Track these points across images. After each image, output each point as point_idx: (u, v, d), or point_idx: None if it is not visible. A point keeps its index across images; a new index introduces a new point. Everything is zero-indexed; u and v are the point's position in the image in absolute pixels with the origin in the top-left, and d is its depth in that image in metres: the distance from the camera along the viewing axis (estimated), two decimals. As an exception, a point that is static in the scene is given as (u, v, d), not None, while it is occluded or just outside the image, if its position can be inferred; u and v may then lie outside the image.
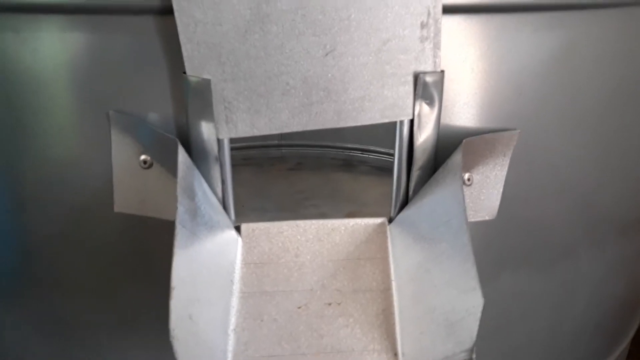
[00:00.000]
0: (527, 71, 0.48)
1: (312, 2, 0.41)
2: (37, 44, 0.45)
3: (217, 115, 0.44)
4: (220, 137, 0.45)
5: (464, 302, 0.38)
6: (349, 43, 0.42)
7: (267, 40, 0.42)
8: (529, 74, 0.48)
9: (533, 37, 0.47)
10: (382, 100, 0.44)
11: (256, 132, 0.45)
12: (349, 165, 1.12)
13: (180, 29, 0.41)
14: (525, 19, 0.46)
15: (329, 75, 0.43)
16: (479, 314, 0.38)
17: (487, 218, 0.52)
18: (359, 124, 0.45)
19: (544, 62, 0.48)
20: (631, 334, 0.83)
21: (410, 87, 0.44)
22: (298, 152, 1.15)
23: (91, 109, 0.47)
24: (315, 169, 1.12)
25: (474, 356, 0.38)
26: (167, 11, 0.42)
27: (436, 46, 0.43)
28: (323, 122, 0.45)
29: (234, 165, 0.49)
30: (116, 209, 0.49)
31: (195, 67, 0.42)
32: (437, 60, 0.44)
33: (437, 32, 0.43)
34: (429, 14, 0.42)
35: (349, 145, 1.11)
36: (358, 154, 1.11)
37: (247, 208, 0.96)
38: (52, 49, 0.46)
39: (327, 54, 0.43)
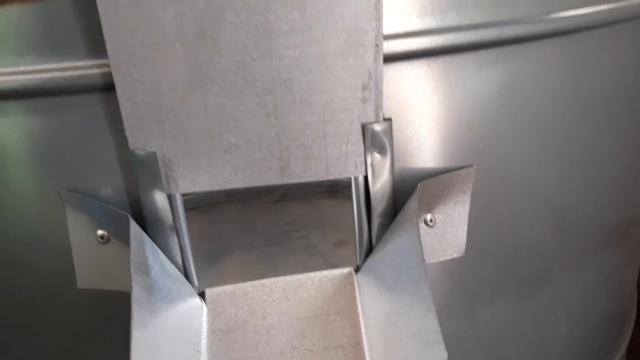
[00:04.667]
0: (475, 107, 0.48)
1: (252, 63, 0.41)
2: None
3: None
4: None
5: (429, 356, 0.37)
6: (291, 103, 0.42)
7: (207, 99, 0.42)
8: (477, 110, 0.48)
9: (477, 74, 0.47)
10: (326, 158, 0.44)
11: (197, 189, 0.45)
12: (334, 191, 1.11)
13: (118, 89, 0.41)
14: (467, 58, 0.46)
15: (272, 134, 0.43)
16: (444, 367, 0.37)
17: (455, 256, 0.51)
18: (302, 180, 0.45)
19: (491, 96, 0.49)
20: (624, 345, 0.82)
21: (352, 147, 0.44)
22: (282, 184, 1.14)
23: (45, 189, 0.47)
24: (300, 199, 1.11)
25: (445, 411, 0.37)
26: (110, 87, 0.42)
27: (378, 107, 0.43)
28: (266, 179, 0.45)
29: (218, 203, 0.48)
30: (79, 285, 0.48)
31: (134, 128, 0.42)
32: (379, 113, 0.44)
33: (379, 93, 0.43)
34: (369, 76, 0.42)
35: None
36: (342, 178, 1.10)
37: (234, 245, 0.95)
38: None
39: (269, 114, 0.43)
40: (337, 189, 1.12)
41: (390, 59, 0.44)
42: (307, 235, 0.99)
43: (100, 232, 0.47)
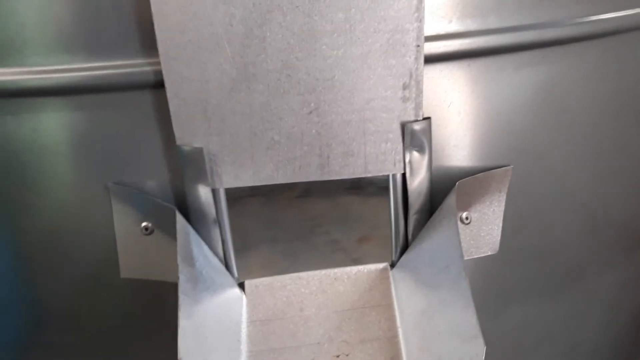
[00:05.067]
0: (514, 108, 0.49)
1: (297, 63, 0.43)
2: (35, 124, 0.47)
3: None
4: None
5: (467, 350, 0.38)
6: (332, 102, 0.44)
7: (252, 97, 0.43)
8: (515, 111, 0.49)
9: (516, 75, 0.48)
10: (365, 156, 0.46)
11: (240, 184, 0.46)
12: (357, 187, 1.12)
13: (167, 86, 0.43)
14: (506, 59, 0.47)
15: (313, 131, 0.45)
16: (483, 362, 0.38)
17: (489, 253, 0.52)
18: (342, 177, 0.46)
19: (529, 97, 0.49)
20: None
21: (392, 144, 0.45)
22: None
23: (92, 182, 0.48)
24: (323, 194, 1.12)
25: (481, 404, 0.38)
26: (159, 85, 0.43)
27: (418, 106, 0.44)
28: (307, 175, 0.46)
29: (241, 197, 0.49)
30: (122, 274, 0.50)
31: (182, 123, 0.44)
32: (419, 112, 0.45)
33: (419, 93, 0.44)
34: (410, 75, 0.43)
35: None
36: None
37: (258, 239, 0.97)
38: (50, 128, 0.47)
39: (311, 112, 0.44)
40: (360, 185, 1.12)
41: (431, 59, 0.44)
42: (330, 230, 1.00)
43: (144, 223, 0.48)
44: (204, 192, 0.46)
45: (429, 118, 0.46)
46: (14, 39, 0.44)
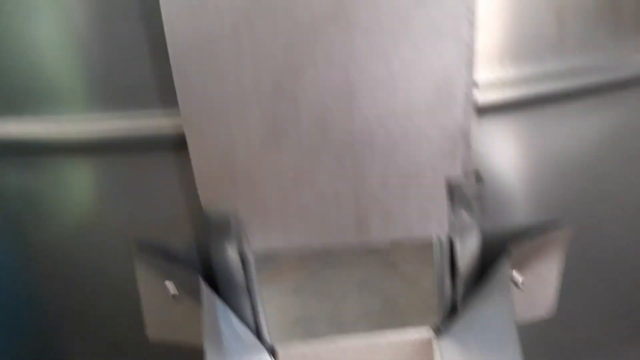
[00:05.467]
0: (573, 158, 0.44)
1: (332, 120, 0.39)
2: (55, 181, 0.45)
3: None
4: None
5: None
6: (371, 161, 0.39)
7: (283, 157, 0.40)
8: (575, 161, 0.44)
9: (577, 123, 0.43)
10: (407, 216, 0.41)
11: (269, 246, 0.43)
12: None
13: (190, 146, 0.39)
14: (567, 106, 0.42)
15: (349, 192, 0.41)
16: None
17: (544, 317, 0.47)
18: (382, 240, 0.42)
19: (591, 146, 0.44)
20: None
21: (436, 204, 0.41)
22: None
23: (114, 241, 0.46)
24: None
25: None
26: (183, 142, 0.40)
27: (466, 162, 0.39)
28: (342, 238, 0.42)
29: None
30: (149, 334, 0.47)
31: (207, 187, 0.41)
32: (468, 168, 0.40)
33: (468, 148, 0.39)
34: (458, 129, 0.39)
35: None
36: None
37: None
38: (70, 186, 0.45)
39: (346, 172, 0.40)
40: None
41: (481, 110, 0.40)
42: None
43: (169, 287, 0.45)
44: (231, 257, 0.43)
45: (479, 174, 0.41)
46: (31, 90, 0.42)
